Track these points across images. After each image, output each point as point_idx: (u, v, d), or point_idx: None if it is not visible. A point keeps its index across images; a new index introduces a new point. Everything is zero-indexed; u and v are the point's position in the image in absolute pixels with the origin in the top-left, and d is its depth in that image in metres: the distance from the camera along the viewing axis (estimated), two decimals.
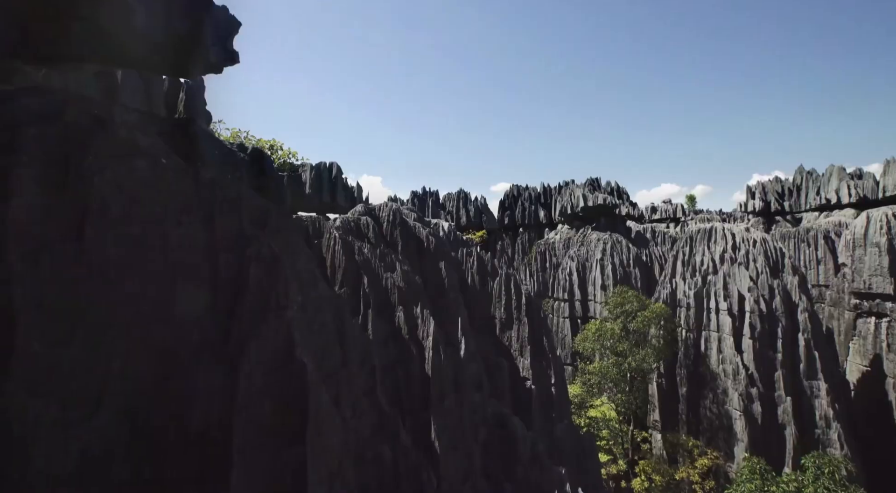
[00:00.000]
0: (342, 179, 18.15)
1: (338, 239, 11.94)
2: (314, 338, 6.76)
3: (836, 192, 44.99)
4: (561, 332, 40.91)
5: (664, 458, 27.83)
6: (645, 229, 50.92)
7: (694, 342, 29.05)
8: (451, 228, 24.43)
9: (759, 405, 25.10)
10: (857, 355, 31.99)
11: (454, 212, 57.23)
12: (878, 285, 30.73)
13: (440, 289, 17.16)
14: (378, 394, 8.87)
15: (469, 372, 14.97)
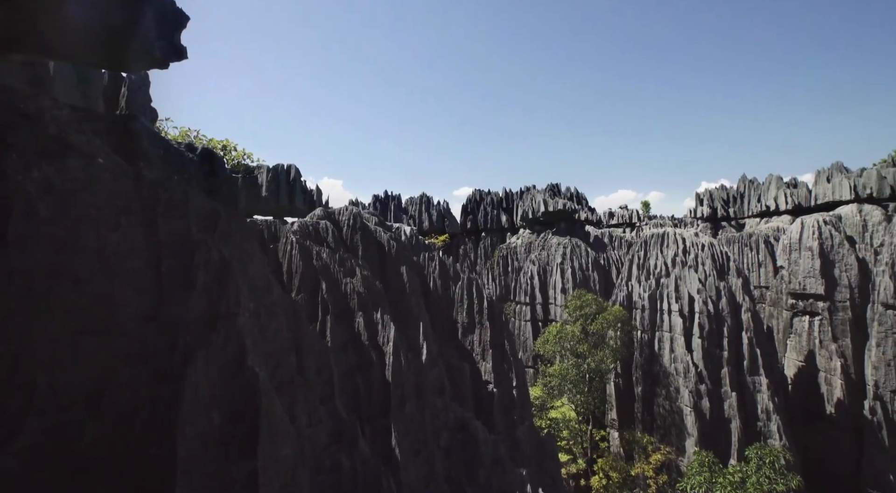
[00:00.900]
0: (301, 182, 17.69)
1: (295, 243, 11.61)
2: (268, 346, 6.53)
3: (775, 199, 48.53)
4: (522, 335, 41.64)
5: (621, 455, 28.84)
6: (603, 234, 52.88)
7: (648, 343, 30.36)
8: (414, 232, 24.36)
9: (708, 401, 26.52)
10: (793, 352, 34.49)
11: (416, 216, 57.17)
12: (812, 286, 33.30)
13: (401, 294, 17.05)
14: (336, 401, 8.67)
15: (431, 377, 14.93)
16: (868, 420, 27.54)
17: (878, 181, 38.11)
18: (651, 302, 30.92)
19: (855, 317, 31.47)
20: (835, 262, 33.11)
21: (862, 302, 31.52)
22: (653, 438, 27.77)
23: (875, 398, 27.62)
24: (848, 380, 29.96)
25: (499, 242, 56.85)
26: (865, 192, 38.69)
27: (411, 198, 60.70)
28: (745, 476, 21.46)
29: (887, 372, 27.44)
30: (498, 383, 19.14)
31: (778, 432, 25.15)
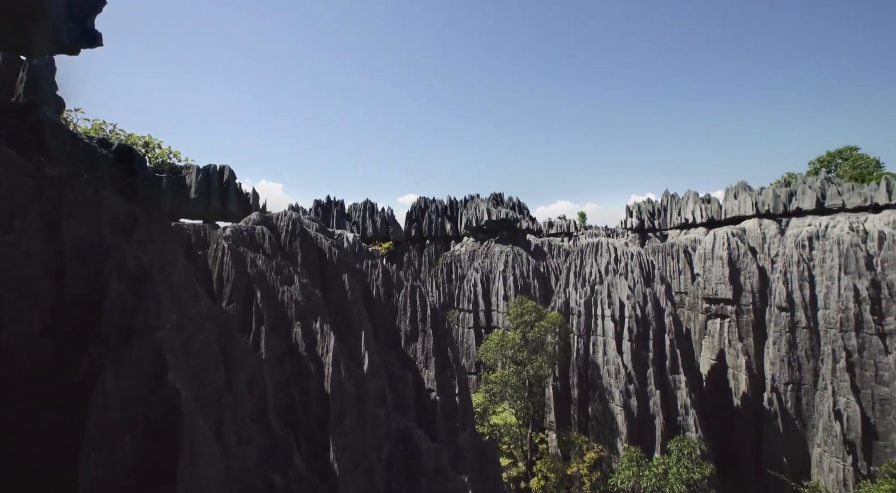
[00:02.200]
0: (235, 184, 16.69)
1: (227, 250, 10.90)
2: (192, 360, 6.03)
3: (692, 213, 53.49)
4: (466, 342, 42.15)
5: (559, 456, 29.96)
6: (543, 243, 55.17)
7: (584, 347, 31.96)
8: (357, 239, 23.89)
9: (636, 400, 28.37)
10: (707, 351, 37.99)
11: (360, 223, 56.15)
12: (722, 292, 36.97)
13: (343, 302, 16.60)
14: (270, 417, 8.19)
15: (372, 387, 14.62)
16: (767, 410, 30.93)
17: (774, 199, 43.42)
18: (586, 308, 32.62)
19: (756, 319, 35.39)
20: (740, 270, 37.09)
21: (762, 305, 35.53)
22: (587, 437, 29.15)
23: (772, 391, 31.12)
24: (751, 375, 33.53)
25: (443, 249, 57.30)
26: (764, 208, 43.89)
27: (355, 204, 59.54)
28: (668, 468, 23.20)
29: (781, 367, 31.07)
30: (441, 391, 19.16)
31: (695, 425, 27.44)
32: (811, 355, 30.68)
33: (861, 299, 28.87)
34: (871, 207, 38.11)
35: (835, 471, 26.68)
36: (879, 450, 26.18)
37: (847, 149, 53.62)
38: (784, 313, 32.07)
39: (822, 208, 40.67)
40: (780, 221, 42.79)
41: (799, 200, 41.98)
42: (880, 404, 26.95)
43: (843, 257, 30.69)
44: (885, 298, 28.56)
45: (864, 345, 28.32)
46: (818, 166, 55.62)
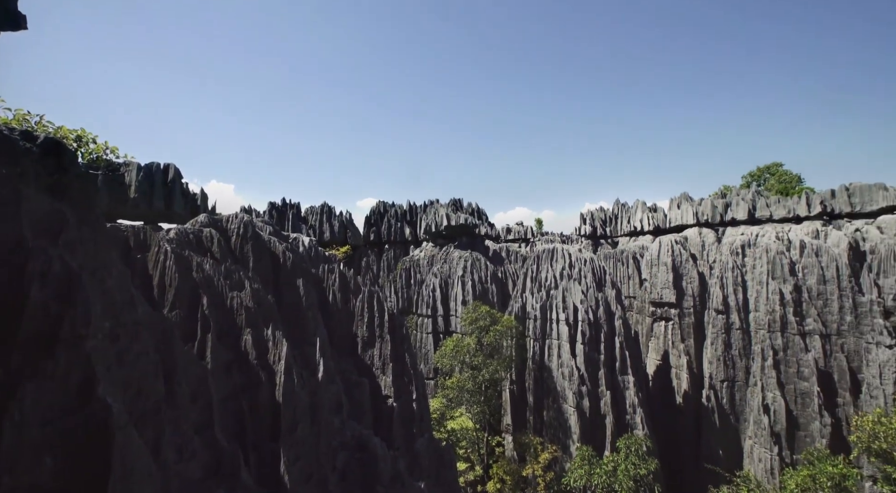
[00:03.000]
0: (181, 184, 15.78)
1: (170, 253, 10.25)
2: (127, 372, 5.62)
3: (640, 221, 56.49)
4: (424, 347, 42.02)
5: (515, 458, 30.44)
6: (501, 248, 56.20)
7: (539, 350, 32.79)
8: (313, 243, 23.26)
9: (588, 401, 29.42)
10: (653, 352, 40.09)
11: (317, 226, 54.75)
12: (667, 296, 39.20)
13: (297, 308, 16.09)
14: (215, 429, 7.75)
15: (327, 395, 14.23)
16: (705, 407, 33.05)
17: (712, 210, 46.75)
18: (542, 312, 33.52)
19: (697, 321, 37.82)
20: (683, 275, 39.53)
21: (701, 308, 38.03)
22: (542, 439, 29.84)
23: (709, 388, 33.32)
24: (691, 374, 35.73)
25: (402, 254, 56.96)
26: (703, 218, 47.14)
27: (312, 207, 57.99)
28: (617, 465, 24.20)
29: (718, 366, 33.35)
30: (398, 397, 18.96)
31: (642, 423, 28.83)
32: (743, 354, 33.16)
33: (785, 302, 31.60)
34: (793, 218, 41.95)
35: (763, 461, 28.90)
36: (800, 440, 28.67)
37: (774, 165, 58.79)
38: (720, 316, 34.49)
39: (753, 219, 44.27)
40: (718, 230, 46.13)
41: (733, 211, 45.46)
42: (801, 397, 29.56)
43: (770, 263, 33.51)
44: (805, 301, 31.45)
45: (787, 344, 30.99)
46: (750, 180, 60.54)
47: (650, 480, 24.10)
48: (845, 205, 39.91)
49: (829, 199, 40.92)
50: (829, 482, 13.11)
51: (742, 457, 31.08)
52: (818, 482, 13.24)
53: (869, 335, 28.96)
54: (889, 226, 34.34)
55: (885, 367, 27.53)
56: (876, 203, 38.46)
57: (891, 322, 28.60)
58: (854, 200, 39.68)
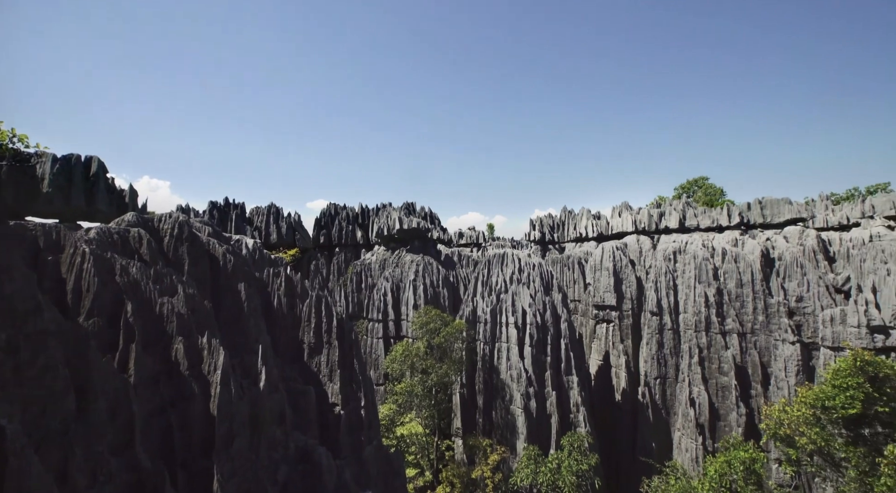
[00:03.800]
0: (106, 179, 14.45)
1: (88, 255, 9.33)
2: (28, 388, 5.03)
3: (585, 228, 59.31)
4: (374, 352, 41.34)
5: (464, 461, 30.65)
6: (453, 253, 56.66)
7: (489, 353, 33.35)
8: (258, 245, 22.22)
9: (535, 401, 30.30)
10: (595, 353, 42.10)
11: (263, 228, 52.31)
12: (608, 299, 41.36)
13: (238, 314, 15.26)
14: (137, 448, 7.11)
15: (269, 405, 13.58)
16: (641, 403, 35.19)
17: (648, 218, 50.10)
18: (492, 316, 34.14)
19: (634, 323, 40.25)
20: (622, 279, 41.95)
21: (639, 310, 40.54)
22: (491, 440, 30.30)
23: (644, 385, 35.53)
24: (629, 373, 37.92)
25: (353, 257, 55.80)
26: (641, 226, 50.37)
27: (257, 208, 55.34)
28: (560, 462, 25.09)
29: (652, 364, 35.66)
30: (345, 405, 18.48)
31: (584, 421, 30.12)
32: (674, 352, 35.71)
33: (709, 304, 34.46)
34: (717, 228, 45.95)
35: (689, 450, 31.22)
36: (721, 429, 31.30)
37: (701, 178, 64.11)
38: (654, 317, 36.94)
39: (683, 228, 47.95)
40: (653, 237, 49.49)
41: (667, 220, 49.00)
42: (721, 391, 32.31)
43: (697, 269, 36.42)
44: (726, 303, 34.48)
45: (710, 343, 33.79)
46: (681, 192, 65.56)
47: (591, 474, 25.19)
48: (759, 216, 44.34)
49: (746, 211, 45.28)
50: (742, 466, 14.44)
51: (672, 448, 33.38)
52: (733, 467, 14.54)
53: (777, 333, 32.27)
54: (793, 236, 38.57)
55: (788, 361, 30.80)
56: (783, 215, 43.09)
57: (794, 321, 32.06)
58: (766, 212, 44.19)
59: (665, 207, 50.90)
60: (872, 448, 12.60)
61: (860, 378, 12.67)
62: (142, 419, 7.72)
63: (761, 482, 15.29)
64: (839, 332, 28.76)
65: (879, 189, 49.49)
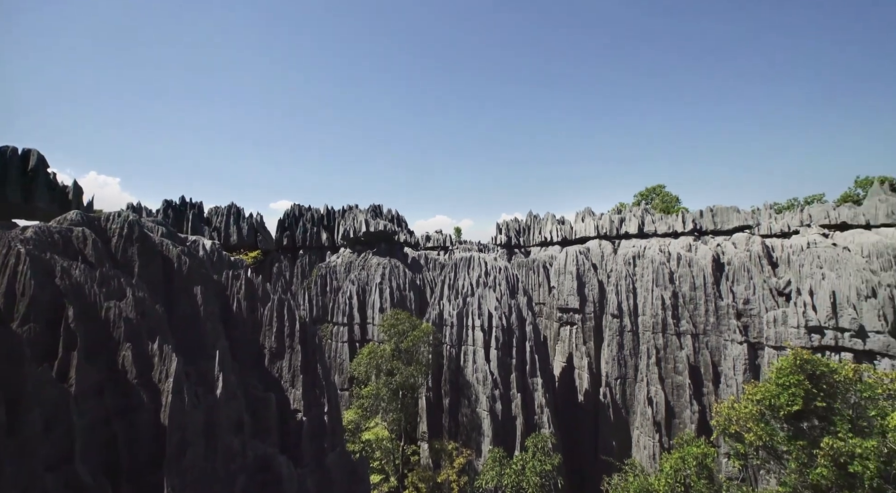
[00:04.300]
0: (46, 174, 13.41)
1: (24, 256, 8.61)
2: None
3: (550, 233, 60.70)
4: (339, 357, 40.51)
5: (430, 465, 30.49)
6: (420, 256, 56.50)
7: (455, 356, 33.42)
8: (216, 247, 21.32)
9: (500, 404, 30.60)
10: (559, 355, 43.07)
11: (223, 229, 50.20)
12: (572, 302, 42.45)
13: (194, 319, 14.55)
14: (76, 462, 6.60)
15: (226, 413, 13.01)
16: (602, 403, 36.29)
17: (610, 224, 51.93)
18: (458, 319, 34.26)
19: (597, 325, 41.52)
20: (585, 283, 43.21)
21: (601, 313, 41.86)
22: (457, 443, 30.31)
23: (606, 386, 36.68)
24: (591, 374, 39.04)
25: (318, 260, 54.54)
26: (603, 231, 52.14)
27: (217, 208, 53.09)
28: (525, 463, 25.42)
29: (613, 365, 36.89)
30: (308, 411, 17.98)
31: (548, 422, 30.70)
32: (633, 353, 37.09)
33: (666, 307, 36.07)
34: (672, 233, 48.25)
35: (647, 448, 32.47)
36: (676, 426, 32.77)
37: (658, 186, 67.20)
38: (615, 320, 38.25)
39: (642, 233, 50.02)
40: (614, 242, 51.32)
41: (627, 226, 50.96)
42: (677, 390, 33.86)
43: (654, 273, 38.06)
44: (681, 305, 36.22)
45: (667, 343, 35.36)
46: (640, 199, 68.44)
47: (554, 474, 25.67)
48: (710, 223, 46.95)
49: (699, 218, 47.84)
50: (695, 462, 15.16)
51: (631, 446, 34.59)
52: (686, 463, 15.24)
53: (726, 334, 34.20)
54: (740, 242, 41.05)
55: (737, 360, 32.70)
56: (732, 223, 45.82)
57: (741, 322, 34.09)
58: (716, 219, 46.85)
59: (625, 214, 52.94)
60: (811, 441, 13.53)
61: (800, 376, 13.62)
62: (83, 432, 7.18)
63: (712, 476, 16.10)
64: (781, 332, 30.82)
65: (815, 200, 53.61)
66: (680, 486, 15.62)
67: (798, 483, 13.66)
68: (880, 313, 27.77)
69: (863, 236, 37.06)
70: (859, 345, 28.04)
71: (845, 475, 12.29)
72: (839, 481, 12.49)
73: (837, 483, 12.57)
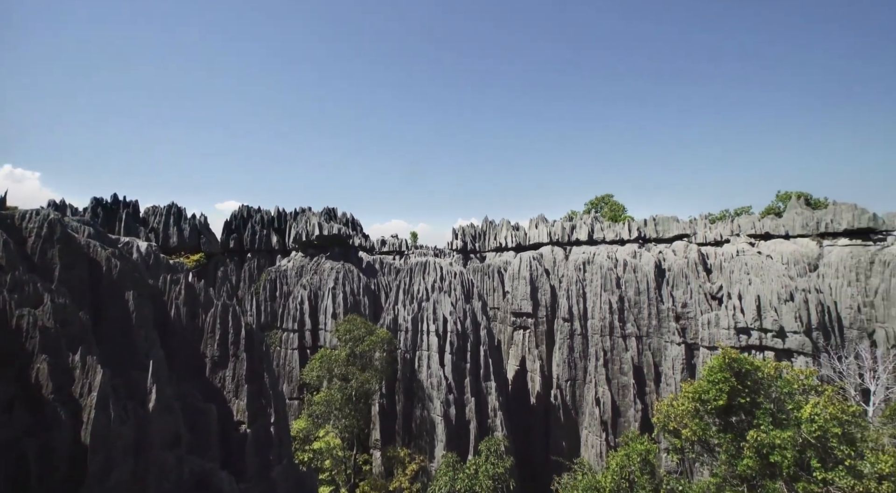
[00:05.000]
0: None
1: None
2: None
3: (505, 238, 61.96)
4: (289, 364, 38.96)
5: (382, 474, 29.91)
6: (375, 260, 55.72)
7: (410, 362, 33.15)
8: (152, 249, 19.87)
9: (454, 408, 30.66)
10: (513, 359, 43.88)
11: (162, 230, 46.90)
12: (525, 307, 43.43)
13: (125, 327, 13.45)
14: None
15: (160, 427, 12.09)
16: (553, 405, 37.35)
17: (562, 231, 53.86)
18: (413, 324, 34.04)
19: (549, 329, 42.76)
20: (538, 288, 44.43)
21: (552, 317, 43.17)
22: (410, 450, 29.97)
23: (557, 388, 37.81)
24: (543, 376, 40.10)
25: (267, 264, 52.29)
26: (555, 237, 53.95)
27: (155, 207, 49.56)
28: (478, 467, 25.57)
29: (563, 367, 38.11)
30: (253, 422, 17.11)
31: (501, 425, 31.13)
32: (583, 356, 38.54)
33: (613, 311, 37.83)
34: (619, 241, 50.84)
35: (595, 446, 33.77)
36: (621, 425, 34.35)
37: (607, 195, 70.64)
38: (566, 323, 39.59)
39: (591, 240, 52.28)
40: (566, 249, 53.25)
41: (577, 233, 53.07)
42: (622, 390, 35.54)
43: (603, 278, 39.85)
44: (626, 309, 38.14)
45: (613, 346, 37.07)
46: (590, 207, 71.57)
47: (507, 477, 26.01)
48: (653, 232, 49.94)
49: (643, 226, 50.76)
50: (638, 458, 15.94)
51: (580, 445, 35.82)
52: (631, 459, 15.98)
53: (667, 336, 36.41)
54: (680, 250, 43.98)
55: (675, 360, 34.87)
56: (672, 232, 49.00)
57: (680, 325, 36.44)
58: (659, 228, 49.91)
59: (577, 221, 55.13)
60: (738, 434, 14.64)
61: (727, 373, 14.72)
62: None
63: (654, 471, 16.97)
64: (714, 333, 33.23)
65: (744, 212, 58.53)
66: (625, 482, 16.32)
67: (727, 474, 14.71)
68: (797, 315, 30.67)
69: (783, 246, 40.90)
70: (780, 344, 30.79)
71: (767, 465, 13.39)
72: (762, 470, 13.59)
73: (761, 472, 13.66)
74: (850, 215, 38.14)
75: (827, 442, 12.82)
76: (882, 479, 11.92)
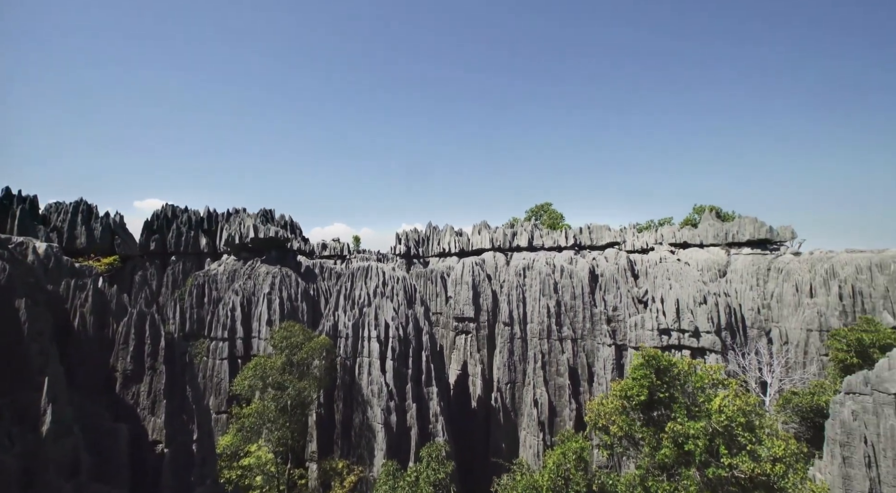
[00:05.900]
0: None
1: None
2: None
3: (448, 244, 62.50)
4: (217, 376, 36.24)
5: (318, 488, 28.65)
6: (314, 264, 53.68)
7: (350, 369, 32.20)
8: (55, 251, 17.63)
9: (395, 415, 30.17)
10: (455, 363, 44.20)
11: (67, 230, 41.78)
12: (467, 312, 43.98)
13: (14, 340, 11.75)
14: None
15: (55, 454, 10.68)
16: (494, 407, 38.08)
17: (503, 237, 55.40)
18: (354, 330, 33.16)
19: (490, 333, 43.64)
20: (480, 293, 45.25)
21: (494, 322, 44.13)
22: (348, 461, 29.01)
23: (497, 391, 38.61)
24: (484, 380, 40.78)
25: (194, 268, 48.47)
26: (497, 243, 55.37)
27: (58, 204, 44.15)
28: (419, 474, 25.30)
29: (504, 371, 39.03)
30: (171, 441, 15.64)
31: (442, 430, 31.13)
32: (522, 359, 39.72)
33: (551, 315, 39.45)
34: (557, 247, 53.30)
35: (532, 446, 34.84)
36: (557, 424, 35.78)
37: (546, 204, 73.89)
38: (507, 327, 40.64)
39: (531, 247, 54.29)
40: (507, 254, 54.80)
41: (518, 239, 54.86)
42: (558, 390, 37.08)
43: (542, 283, 41.46)
44: (563, 313, 39.96)
45: (551, 349, 38.62)
46: (530, 215, 74.41)
47: (448, 482, 25.98)
48: (587, 239, 52.93)
49: (579, 234, 53.63)
50: (574, 456, 16.69)
51: (519, 446, 36.77)
52: (566, 457, 16.68)
53: (599, 338, 38.60)
54: (611, 257, 47.01)
55: (606, 361, 37.07)
56: (604, 239, 52.25)
57: (611, 327, 38.82)
58: (593, 236, 52.99)
59: (517, 228, 57.01)
60: (658, 427, 15.80)
61: (648, 371, 15.89)
62: None
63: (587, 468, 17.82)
64: (640, 334, 35.74)
65: (666, 222, 63.93)
66: (561, 479, 16.96)
67: (650, 465, 15.81)
68: (709, 316, 33.88)
69: (698, 254, 45.09)
70: (695, 343, 33.81)
71: (682, 454, 14.58)
72: (679, 459, 14.77)
73: (677, 461, 14.84)
74: (751, 228, 42.99)
75: (733, 431, 14.20)
76: (776, 461, 13.41)
